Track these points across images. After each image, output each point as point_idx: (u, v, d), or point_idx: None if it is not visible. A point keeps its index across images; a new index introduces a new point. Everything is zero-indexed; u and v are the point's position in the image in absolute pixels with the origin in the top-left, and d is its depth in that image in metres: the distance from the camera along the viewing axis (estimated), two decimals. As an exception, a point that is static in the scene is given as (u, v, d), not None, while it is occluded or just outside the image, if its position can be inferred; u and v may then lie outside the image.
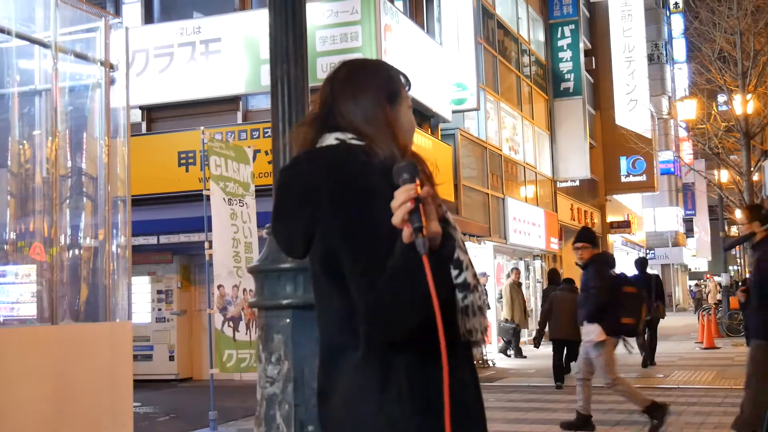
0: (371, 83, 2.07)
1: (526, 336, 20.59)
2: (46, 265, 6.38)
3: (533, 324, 19.71)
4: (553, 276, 15.67)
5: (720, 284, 27.94)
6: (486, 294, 2.20)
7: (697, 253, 57.04)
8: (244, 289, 8.80)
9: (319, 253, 1.95)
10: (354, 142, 2.00)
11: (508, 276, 18.79)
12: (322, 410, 2.02)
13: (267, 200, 7.45)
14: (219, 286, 8.62)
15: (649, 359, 15.15)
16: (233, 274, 8.75)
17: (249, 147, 10.01)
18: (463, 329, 1.99)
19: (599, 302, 8.10)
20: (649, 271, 16.15)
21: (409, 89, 2.18)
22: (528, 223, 22.33)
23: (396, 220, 1.71)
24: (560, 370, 12.56)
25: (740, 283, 15.86)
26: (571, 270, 27.79)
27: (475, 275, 2.06)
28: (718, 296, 24.77)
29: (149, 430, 9.32)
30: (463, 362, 2.00)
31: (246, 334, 8.82)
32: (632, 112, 32.97)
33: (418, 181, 1.73)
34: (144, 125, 16.03)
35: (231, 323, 8.66)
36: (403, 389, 1.86)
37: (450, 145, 17.87)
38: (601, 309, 8.09)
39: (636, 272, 15.44)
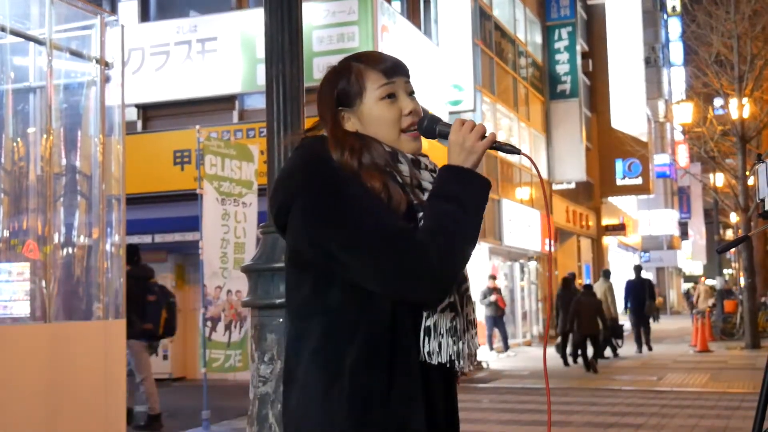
0: (322, 100, 2.10)
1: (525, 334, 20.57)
2: (39, 263, 6.36)
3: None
4: (566, 283, 17.52)
5: (714, 288, 27.96)
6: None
7: (692, 257, 57.14)
8: (229, 291, 8.79)
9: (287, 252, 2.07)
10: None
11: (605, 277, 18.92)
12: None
13: (262, 199, 7.39)
14: (203, 286, 8.62)
15: (646, 346, 18.50)
16: (218, 274, 8.75)
17: (255, 145, 9.98)
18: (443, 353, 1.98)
19: None
20: (643, 275, 19.63)
21: (386, 67, 2.06)
22: (523, 225, 22.35)
23: (480, 131, 2.00)
24: (585, 359, 14.98)
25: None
26: (567, 272, 27.82)
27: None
28: (711, 301, 24.63)
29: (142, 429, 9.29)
30: (435, 388, 1.99)
31: (224, 335, 8.80)
32: (628, 114, 33.01)
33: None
34: (139, 124, 16.00)
35: (209, 323, 8.65)
36: (345, 390, 1.91)
37: (446, 146, 17.85)
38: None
39: (633, 276, 19.45)
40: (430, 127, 2.06)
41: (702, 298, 25.00)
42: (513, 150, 2.05)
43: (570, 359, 15.93)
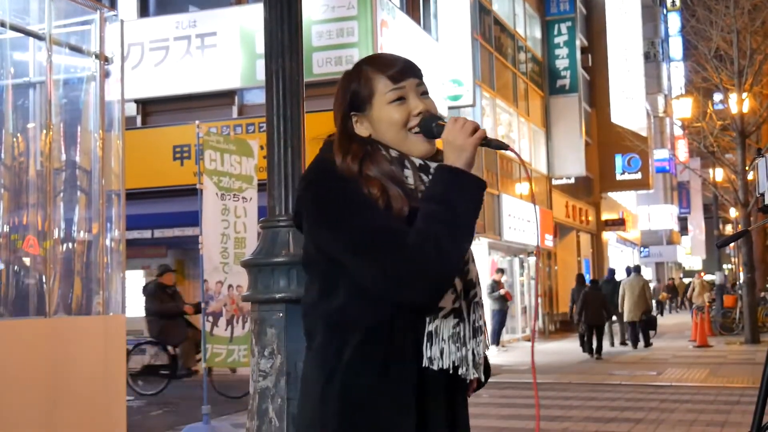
0: (336, 104, 2.12)
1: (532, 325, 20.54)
2: (39, 258, 6.36)
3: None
4: (579, 279, 19.56)
5: (713, 283, 27.93)
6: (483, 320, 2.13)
7: (691, 252, 57.15)
8: (230, 285, 8.79)
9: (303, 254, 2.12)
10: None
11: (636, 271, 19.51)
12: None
13: (262, 194, 7.39)
14: (204, 281, 8.62)
15: (628, 343, 19.24)
16: (219, 269, 8.76)
17: (255, 140, 9.96)
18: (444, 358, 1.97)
19: None
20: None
21: (394, 73, 2.08)
22: (523, 220, 22.35)
23: (469, 128, 1.98)
24: (590, 347, 16.90)
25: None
26: (567, 267, 27.86)
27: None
28: (707, 295, 24.56)
29: (142, 424, 9.31)
30: (435, 396, 1.98)
31: (226, 330, 8.80)
32: (628, 109, 32.98)
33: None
34: (139, 119, 16.00)
35: (211, 318, 8.66)
36: (337, 390, 1.93)
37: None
38: None
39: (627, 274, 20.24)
40: (428, 126, 2.04)
41: (697, 292, 24.90)
42: (502, 146, 2.05)
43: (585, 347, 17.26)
